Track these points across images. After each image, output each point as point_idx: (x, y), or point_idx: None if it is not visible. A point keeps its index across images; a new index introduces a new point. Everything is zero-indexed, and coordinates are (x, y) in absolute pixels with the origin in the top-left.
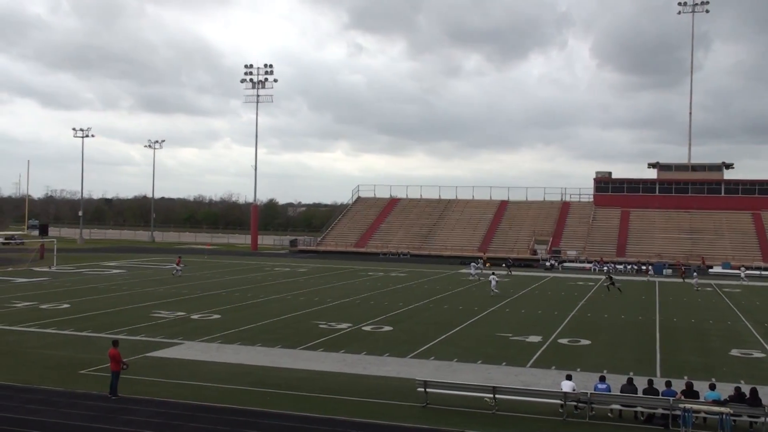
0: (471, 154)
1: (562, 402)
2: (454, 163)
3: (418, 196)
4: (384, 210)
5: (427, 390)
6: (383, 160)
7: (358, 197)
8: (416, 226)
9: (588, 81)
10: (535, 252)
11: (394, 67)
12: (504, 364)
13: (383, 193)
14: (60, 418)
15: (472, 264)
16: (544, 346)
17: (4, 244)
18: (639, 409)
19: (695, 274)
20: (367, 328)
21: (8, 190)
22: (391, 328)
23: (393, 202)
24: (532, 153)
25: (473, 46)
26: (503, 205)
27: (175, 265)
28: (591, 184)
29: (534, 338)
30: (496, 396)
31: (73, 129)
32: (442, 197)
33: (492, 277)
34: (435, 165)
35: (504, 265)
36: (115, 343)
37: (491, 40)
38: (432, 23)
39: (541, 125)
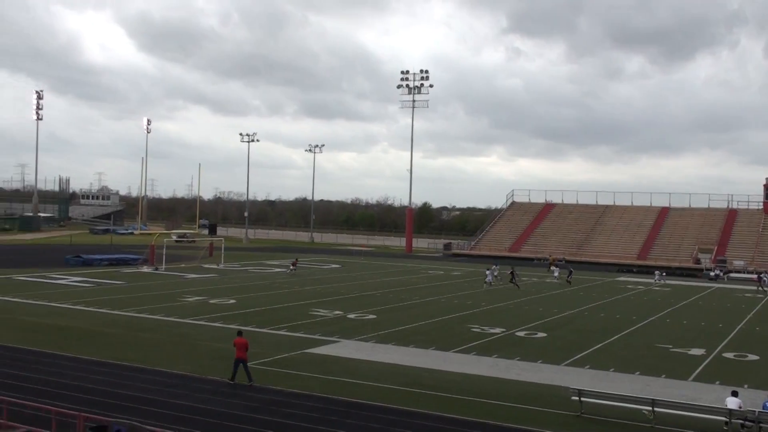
0: (630, 159)
1: (727, 419)
2: (612, 168)
3: (574, 201)
4: (539, 215)
5: (582, 399)
6: (539, 165)
7: (513, 202)
8: (572, 232)
9: (761, 82)
10: (698, 261)
11: (553, 70)
12: (663, 376)
13: (538, 198)
14: (225, 407)
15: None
16: (708, 360)
17: (177, 242)
18: None
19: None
20: (521, 334)
21: (181, 192)
22: (545, 335)
23: (548, 207)
24: (696, 158)
25: (636, 48)
26: (664, 211)
27: (291, 266)
28: (761, 190)
29: (696, 351)
30: (655, 409)
31: (240, 134)
32: (599, 203)
33: (488, 271)
34: (592, 170)
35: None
36: (240, 332)
37: (656, 41)
38: (593, 25)
39: (708, 129)
